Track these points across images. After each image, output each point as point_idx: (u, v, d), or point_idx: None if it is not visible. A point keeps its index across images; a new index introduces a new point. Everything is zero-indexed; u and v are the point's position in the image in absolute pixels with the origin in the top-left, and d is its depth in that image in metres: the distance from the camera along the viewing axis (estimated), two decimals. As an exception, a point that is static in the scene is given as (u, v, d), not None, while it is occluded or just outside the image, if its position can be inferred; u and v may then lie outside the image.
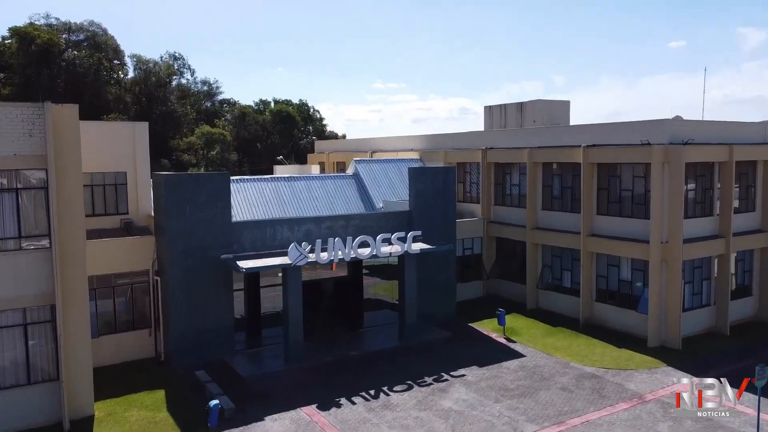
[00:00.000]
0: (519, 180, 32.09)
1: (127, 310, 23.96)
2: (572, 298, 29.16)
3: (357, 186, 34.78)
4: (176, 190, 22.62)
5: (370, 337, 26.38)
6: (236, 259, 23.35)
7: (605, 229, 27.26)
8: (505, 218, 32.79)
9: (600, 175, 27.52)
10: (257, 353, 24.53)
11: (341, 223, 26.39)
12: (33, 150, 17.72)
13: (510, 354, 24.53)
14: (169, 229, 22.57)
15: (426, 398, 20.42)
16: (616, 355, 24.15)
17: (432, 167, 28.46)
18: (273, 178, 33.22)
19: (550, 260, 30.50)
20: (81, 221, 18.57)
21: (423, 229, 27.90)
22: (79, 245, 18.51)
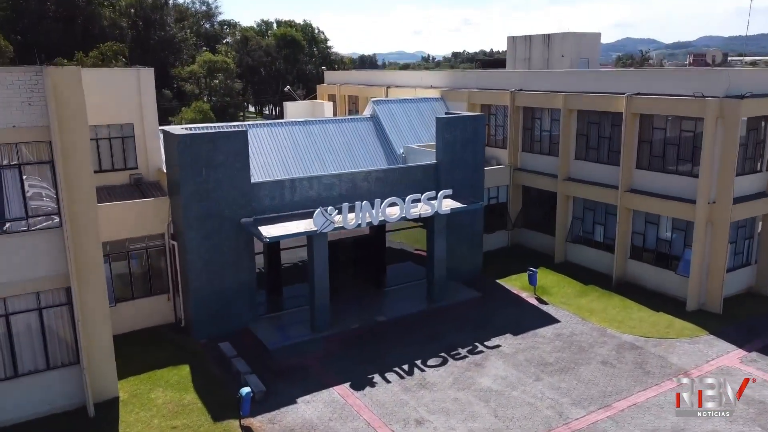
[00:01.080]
0: (550, 126, 30.07)
1: (143, 275, 22.76)
2: (604, 253, 27.94)
3: (375, 129, 32.75)
4: (191, 151, 20.79)
5: (396, 298, 25.33)
6: (257, 223, 21.89)
7: (645, 185, 25.60)
8: (533, 166, 31.02)
9: (642, 126, 25.54)
10: (281, 319, 23.54)
11: (364, 179, 24.71)
12: (34, 120, 15.81)
13: (544, 319, 23.58)
14: (185, 192, 20.94)
15: (462, 375, 19.58)
16: (654, 321, 23.20)
17: (461, 116, 26.39)
18: (287, 122, 31.14)
19: (581, 213, 29.04)
20: (92, 195, 16.93)
21: (450, 182, 26.31)
22: (92, 221, 16.97)
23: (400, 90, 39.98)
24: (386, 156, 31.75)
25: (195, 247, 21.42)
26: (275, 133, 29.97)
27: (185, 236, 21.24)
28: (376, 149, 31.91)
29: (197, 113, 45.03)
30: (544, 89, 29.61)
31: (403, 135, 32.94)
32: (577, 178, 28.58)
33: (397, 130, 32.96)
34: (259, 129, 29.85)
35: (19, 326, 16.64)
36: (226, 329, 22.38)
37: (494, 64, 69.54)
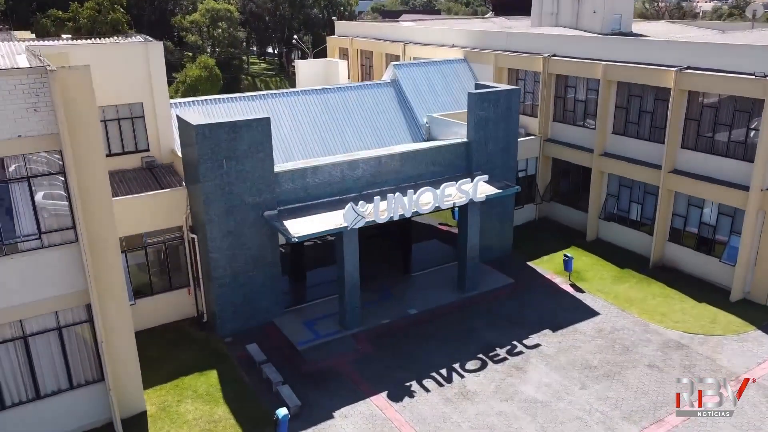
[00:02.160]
0: (586, 95, 28.13)
1: (161, 270, 21.55)
2: (640, 234, 26.66)
3: (397, 96, 30.79)
4: (210, 142, 19.12)
5: (426, 286, 24.20)
6: (281, 216, 20.50)
7: (691, 166, 24.02)
8: (565, 138, 29.27)
9: (691, 103, 23.70)
10: (306, 312, 22.46)
11: (392, 161, 23.09)
12: (41, 128, 14.12)
13: (582, 311, 22.55)
14: (205, 187, 19.42)
15: (504, 381, 18.68)
16: (698, 314, 22.18)
17: (495, 90, 24.45)
18: (303, 91, 29.10)
19: (616, 190, 27.55)
20: (108, 206, 15.44)
21: (482, 161, 24.82)
22: (110, 233, 15.55)
23: (418, 48, 37.56)
24: (409, 127, 30.00)
25: (217, 243, 20.10)
26: (291, 105, 28.08)
27: (207, 233, 19.88)
28: (398, 120, 30.08)
29: (202, 69, 42.62)
30: (581, 56, 27.48)
31: (426, 102, 31.02)
32: (615, 154, 26.91)
33: (419, 97, 31.02)
34: (274, 100, 27.95)
35: (39, 347, 15.52)
36: (251, 324, 21.42)
37: (511, 5, 65.88)
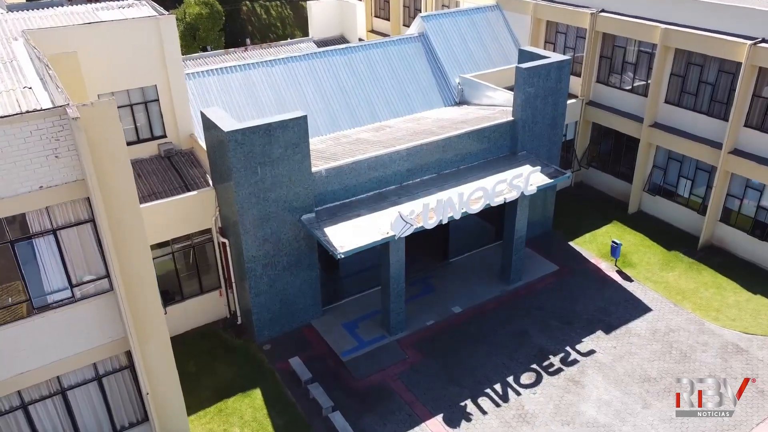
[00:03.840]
0: (636, 58, 25.66)
1: (191, 274, 20.09)
2: (688, 211, 25.24)
3: (426, 53, 28.15)
4: (243, 149, 17.06)
5: (467, 275, 22.96)
6: (319, 219, 18.85)
7: (755, 146, 22.21)
8: (609, 101, 27.07)
9: (761, 79, 21.53)
10: (345, 311, 21.30)
11: (433, 149, 21.11)
12: (65, 176, 12.13)
13: (633, 307, 21.51)
14: (239, 196, 17.57)
15: (562, 399, 17.90)
16: (754, 309, 21.23)
17: (546, 64, 22.00)
18: (326, 52, 26.40)
19: (664, 162, 25.78)
20: (146, 249, 13.72)
21: (527, 141, 22.98)
22: (149, 277, 13.95)
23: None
24: (440, 89, 27.66)
25: (253, 253, 18.54)
26: (314, 69, 25.58)
27: (243, 243, 18.26)
28: (428, 80, 27.65)
29: (202, 6, 38.90)
30: (636, 14, 24.76)
31: (457, 59, 28.46)
32: (666, 125, 24.91)
33: (450, 52, 28.41)
34: (296, 64, 25.37)
35: (79, 399, 14.31)
36: (289, 328, 20.37)
37: None
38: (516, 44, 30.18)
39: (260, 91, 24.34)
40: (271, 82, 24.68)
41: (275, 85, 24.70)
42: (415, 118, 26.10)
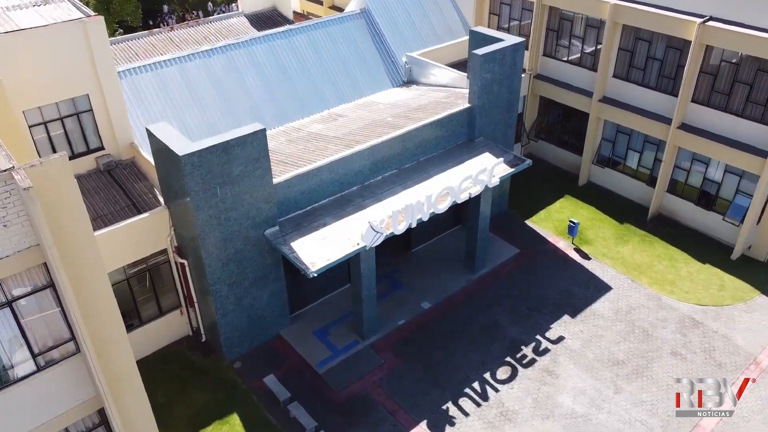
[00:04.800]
0: (584, 32, 25.49)
1: (148, 298, 18.89)
2: (637, 182, 25.90)
3: (370, 30, 26.99)
4: (201, 171, 15.81)
5: (432, 266, 22.76)
6: (284, 232, 18.02)
7: (702, 122, 22.77)
8: (557, 75, 26.98)
9: (708, 56, 21.86)
10: (313, 317, 20.75)
11: (393, 145, 20.41)
12: (16, 244, 10.78)
13: (595, 286, 22.07)
14: (199, 221, 16.41)
15: (539, 392, 18.32)
16: (705, 279, 22.28)
17: (501, 48, 21.36)
18: (267, 36, 24.78)
19: (613, 135, 26.15)
20: (113, 305, 12.60)
21: (484, 126, 22.68)
22: (118, 333, 12.89)
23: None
24: (386, 68, 26.72)
25: (218, 274, 17.56)
26: (256, 56, 24.06)
27: (206, 266, 17.21)
28: (374, 60, 26.62)
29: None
30: (584, -11, 24.45)
31: (402, 34, 27.48)
32: (615, 99, 25.14)
33: (394, 29, 27.38)
34: (236, 53, 23.76)
35: (52, 464, 13.35)
36: (258, 342, 19.71)
37: None
38: (460, 16, 29.39)
39: (200, 85, 22.65)
40: (210, 75, 23.01)
41: (215, 78, 23.05)
42: (365, 103, 25.16)
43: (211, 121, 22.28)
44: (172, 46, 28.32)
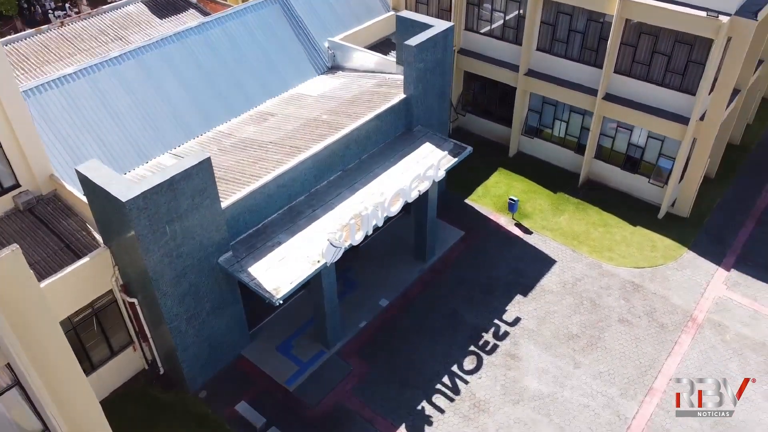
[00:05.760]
0: (505, 6, 25.45)
1: (98, 342, 17.68)
2: (565, 150, 26.77)
3: (287, 16, 25.70)
4: (147, 213, 14.67)
5: (382, 259, 22.70)
6: (238, 257, 17.28)
7: (625, 91, 23.61)
8: (480, 49, 26.94)
9: (629, 27, 22.49)
10: (274, 331, 20.29)
11: (335, 149, 19.82)
12: (-24, 351, 9.67)
13: (540, 261, 22.90)
14: (150, 262, 15.33)
15: (506, 377, 19.05)
16: (638, 242, 23.65)
17: (433, 36, 20.87)
18: (181, 33, 22.94)
19: (539, 106, 26.69)
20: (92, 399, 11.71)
21: (421, 114, 22.47)
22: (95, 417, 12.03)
23: None
24: (309, 56, 25.71)
25: (175, 311, 16.66)
26: (172, 57, 22.42)
27: (161, 306, 16.25)
28: (296, 49, 25.48)
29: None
30: (502, -37, 24.26)
31: (321, 17, 26.42)
32: (540, 72, 25.53)
33: (312, 12, 26.29)
34: (149, 55, 22.02)
35: None
36: (221, 366, 19.11)
37: None
38: (376, -9, 28.48)
39: (114, 96, 20.82)
40: (124, 83, 21.17)
41: (130, 86, 21.24)
42: (293, 96, 24.14)
43: (131, 135, 20.64)
44: (68, 46, 25.72)
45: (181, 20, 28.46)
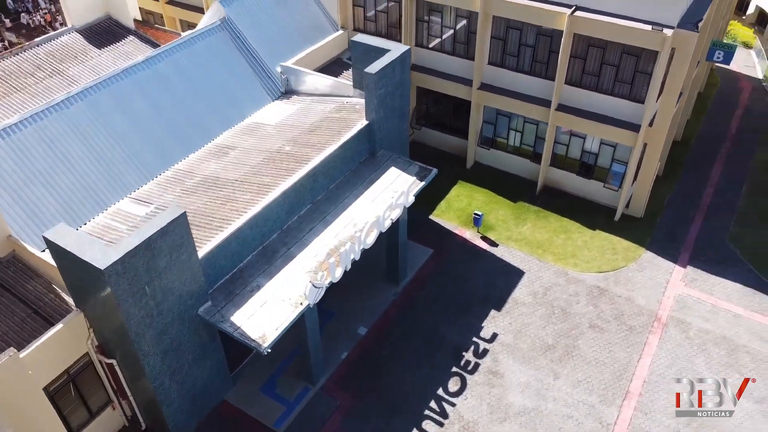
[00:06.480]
0: (455, 22, 25.72)
1: (76, 407, 16.94)
2: (520, 159, 27.41)
3: (235, 42, 25.20)
4: (127, 277, 14.14)
5: (357, 285, 22.51)
6: (218, 306, 16.92)
7: (575, 101, 24.35)
8: (431, 64, 27.15)
9: (577, 42, 23.14)
10: (256, 371, 19.97)
11: (305, 183, 19.64)
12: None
13: (509, 273, 23.44)
14: (131, 324, 14.82)
15: (490, 395, 19.47)
16: (599, 246, 24.52)
17: (391, 62, 20.80)
18: (128, 70, 22.09)
19: (494, 118, 27.17)
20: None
21: (383, 138, 22.55)
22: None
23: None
24: (262, 83, 25.37)
25: (158, 369, 16.18)
26: (122, 96, 21.75)
27: (144, 366, 15.74)
28: (249, 76, 25.07)
29: None
30: (451, -19, 24.45)
31: (270, 40, 26.08)
32: (493, 85, 25.98)
33: (261, 35, 25.90)
34: (100, 95, 21.24)
35: None
36: (204, 414, 18.71)
37: None
38: (322, 9, 28.22)
39: (66, 144, 19.93)
40: (74, 127, 20.29)
41: (81, 129, 20.38)
42: (250, 126, 23.70)
43: (87, 182, 19.80)
44: (1, 84, 24.33)
45: (120, 49, 27.44)
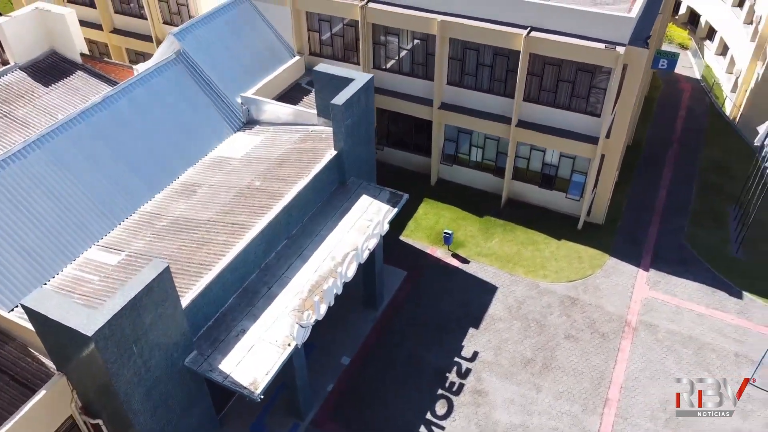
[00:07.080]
0: (412, 44, 26.02)
1: (63, 470, 16.39)
2: (483, 174, 27.99)
3: (192, 75, 24.79)
4: (114, 340, 13.77)
5: (333, 313, 22.40)
6: (203, 354, 16.69)
7: (534, 116, 25.06)
8: (391, 86, 27.35)
9: (533, 60, 23.80)
10: (243, 411, 19.75)
11: (279, 219, 19.53)
12: None
13: (482, 290, 23.94)
14: (120, 385, 14.44)
15: (477, 414, 19.87)
16: (565, 255, 25.31)
17: (356, 92, 20.83)
18: (84, 113, 21.43)
19: (455, 135, 27.63)
20: None
21: (351, 166, 22.63)
22: None
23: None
24: (222, 114, 25.12)
25: (149, 426, 15.80)
26: (80, 139, 21.16)
27: (134, 425, 15.35)
28: (208, 108, 24.76)
29: None
30: (408, 4, 24.65)
31: (228, 71, 25.78)
32: (453, 104, 26.42)
33: (218, 67, 25.53)
34: (57, 140, 20.50)
35: None
36: (194, 461, 18.39)
37: None
38: (277, 36, 28.03)
39: (25, 194, 19.19)
40: (33, 177, 19.57)
41: (41, 179, 19.68)
42: (214, 161, 23.37)
43: (52, 233, 19.09)
44: (-55, 132, 23.20)
45: (69, 85, 26.61)
